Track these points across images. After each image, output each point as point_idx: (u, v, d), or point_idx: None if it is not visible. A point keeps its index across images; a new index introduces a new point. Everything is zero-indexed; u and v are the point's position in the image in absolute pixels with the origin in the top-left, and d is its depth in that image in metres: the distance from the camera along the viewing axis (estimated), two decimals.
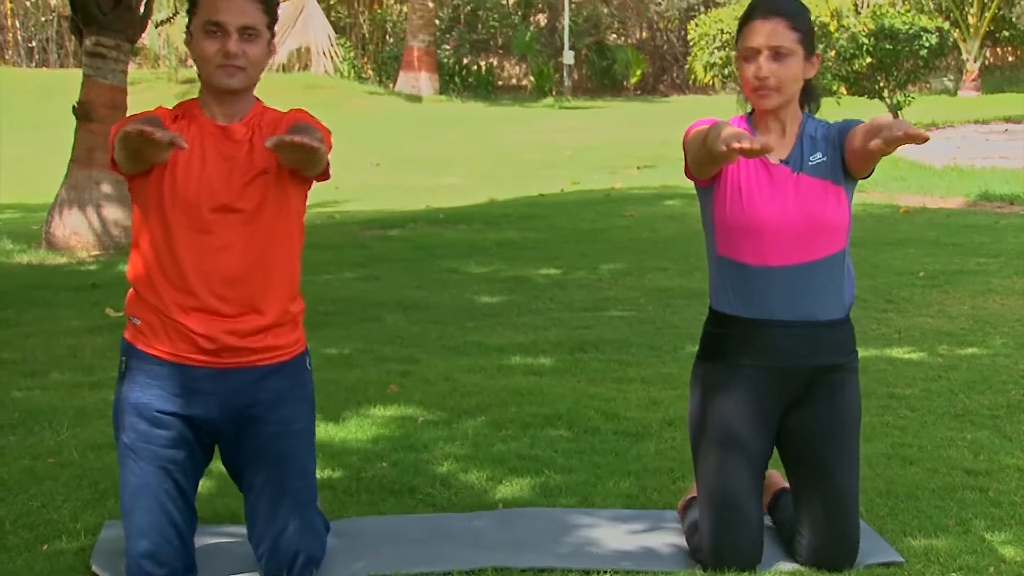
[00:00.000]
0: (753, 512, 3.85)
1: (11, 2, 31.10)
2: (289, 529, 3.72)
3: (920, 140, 3.40)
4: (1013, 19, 27.77)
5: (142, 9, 10.09)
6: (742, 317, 3.83)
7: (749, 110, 3.98)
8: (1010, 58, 31.16)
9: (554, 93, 32.00)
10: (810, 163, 3.83)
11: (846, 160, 3.84)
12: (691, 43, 21.56)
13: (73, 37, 10.22)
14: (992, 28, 26.31)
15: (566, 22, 32.48)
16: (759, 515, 3.88)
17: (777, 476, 4.22)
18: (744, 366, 3.84)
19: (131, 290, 3.77)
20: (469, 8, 33.40)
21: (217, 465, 3.94)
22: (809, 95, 3.97)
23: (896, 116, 20.13)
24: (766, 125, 3.89)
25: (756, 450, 3.87)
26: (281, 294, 3.76)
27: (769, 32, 3.79)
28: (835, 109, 18.63)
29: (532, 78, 33.36)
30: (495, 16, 33.64)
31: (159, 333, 3.69)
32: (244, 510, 3.82)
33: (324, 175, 3.80)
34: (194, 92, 3.79)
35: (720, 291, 3.92)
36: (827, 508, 3.85)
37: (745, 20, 3.86)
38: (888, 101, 20.23)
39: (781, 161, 3.83)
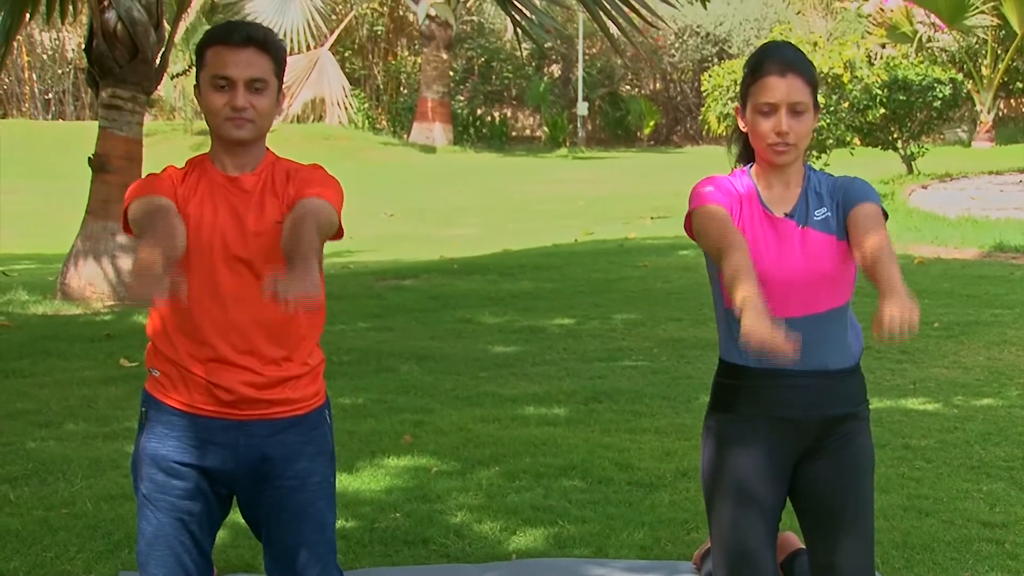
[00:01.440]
0: (767, 562, 3.84)
1: (28, 55, 31.31)
2: None
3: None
4: None
5: (158, 62, 10.16)
6: (751, 368, 3.82)
7: (736, 158, 3.98)
8: None
9: (568, 144, 32.08)
10: (815, 218, 3.81)
11: (847, 224, 3.84)
12: (704, 94, 21.60)
13: (90, 89, 10.27)
14: (1006, 79, 26.35)
15: (580, 73, 32.61)
16: (773, 566, 3.87)
17: (793, 537, 4.21)
18: (755, 417, 3.83)
19: (150, 343, 3.79)
20: (483, 59, 33.55)
21: (232, 516, 3.95)
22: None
23: (910, 167, 20.21)
24: (767, 180, 3.87)
25: (769, 501, 3.86)
26: (298, 344, 3.76)
27: (788, 89, 3.76)
28: (848, 160, 18.70)
29: (546, 129, 33.46)
30: (509, 67, 33.78)
31: (176, 384, 3.70)
32: (263, 563, 3.82)
33: (338, 235, 3.81)
34: (209, 144, 3.82)
35: (729, 343, 3.91)
36: (842, 558, 3.84)
37: (759, 74, 3.82)
38: (902, 152, 20.28)
39: (786, 215, 3.82)
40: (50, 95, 32.10)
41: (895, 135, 19.98)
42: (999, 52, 25.21)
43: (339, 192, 3.77)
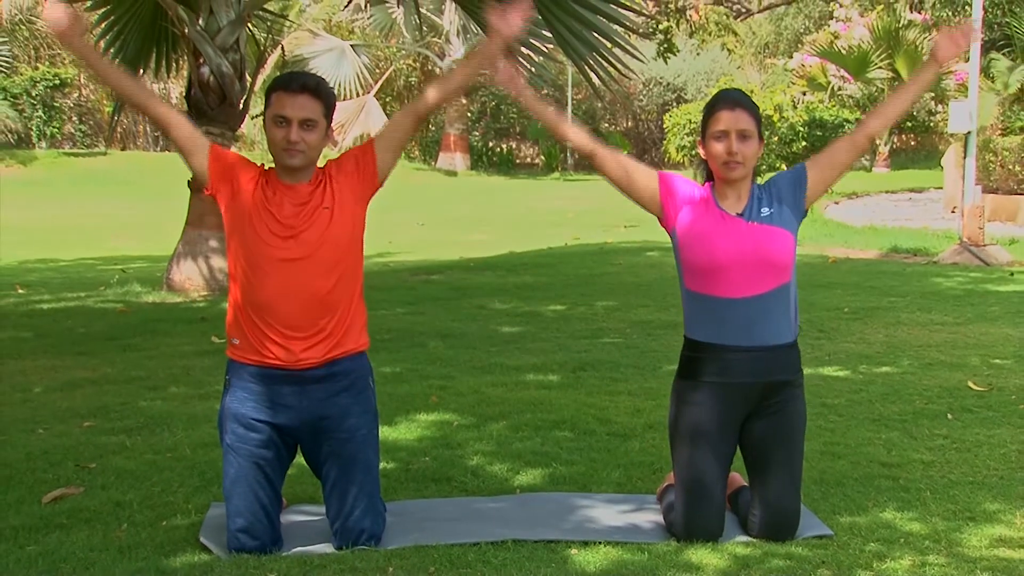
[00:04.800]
0: (717, 497, 3.83)
1: None
2: (355, 513, 3.72)
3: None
4: (914, 113, 27.80)
5: (241, 106, 10.14)
6: (711, 343, 3.81)
7: (702, 181, 3.98)
8: (913, 143, 31.20)
9: (560, 169, 32.05)
10: (762, 214, 3.81)
11: (809, 194, 3.84)
12: (666, 130, 21.60)
13: None
14: (899, 120, 26.33)
15: (568, 114, 32.56)
16: (723, 501, 3.86)
17: (738, 477, 4.19)
18: (712, 383, 3.82)
19: (230, 316, 3.79)
20: (494, 103, 33.45)
21: (297, 459, 3.94)
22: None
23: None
24: (723, 192, 3.88)
25: (721, 449, 3.85)
26: (345, 312, 3.77)
27: (735, 119, 3.78)
28: None
29: (543, 157, 33.40)
30: (514, 109, 33.69)
31: (252, 348, 3.71)
32: (323, 496, 3.83)
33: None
34: None
35: (692, 322, 3.90)
36: (776, 494, 3.83)
37: (714, 109, 3.84)
38: None
39: (737, 214, 3.82)
40: (159, 132, 32.07)
41: None
42: None
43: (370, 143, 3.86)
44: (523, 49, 9.07)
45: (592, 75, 8.57)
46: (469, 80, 4.08)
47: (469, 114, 31.77)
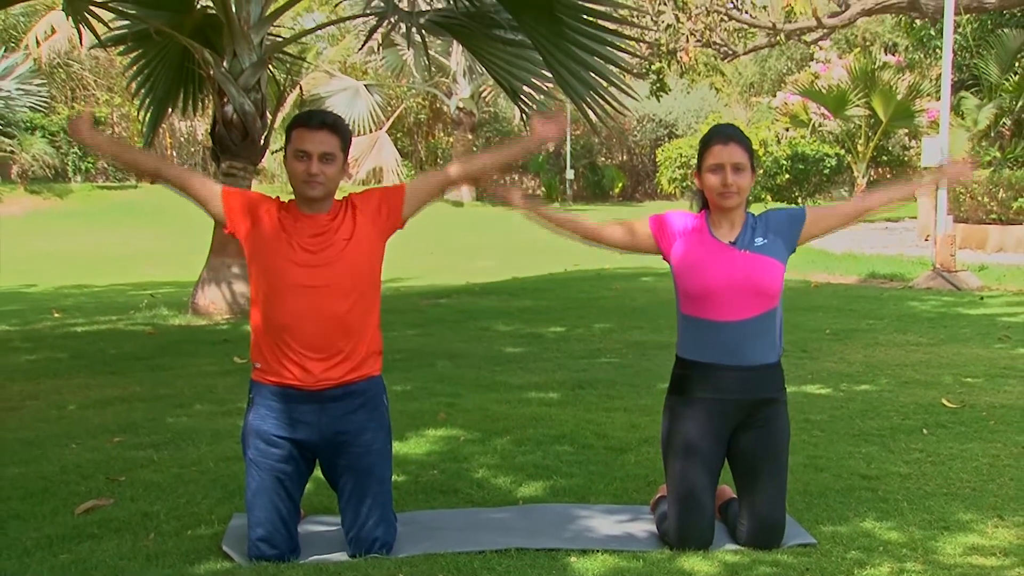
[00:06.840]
0: (708, 508, 3.81)
1: (170, 138, 31.38)
2: (369, 523, 3.71)
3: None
4: (890, 148, 27.82)
5: (262, 142, 10.17)
6: (700, 362, 3.80)
7: (697, 210, 3.97)
8: (888, 176, 31.22)
9: (559, 200, 32.08)
10: (755, 244, 3.81)
11: (802, 235, 3.87)
12: (659, 163, 21.63)
13: (213, 162, 10.25)
14: (875, 154, 26.31)
15: (568, 148, 32.63)
16: (712, 511, 3.85)
17: (727, 489, 4.17)
18: (702, 399, 3.81)
19: (253, 342, 3.79)
20: (498, 139, 33.53)
21: (315, 474, 3.92)
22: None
23: None
24: (717, 221, 3.88)
25: (711, 462, 3.83)
26: (362, 335, 3.75)
27: (730, 152, 3.78)
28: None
29: (543, 189, 33.47)
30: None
31: (273, 370, 3.70)
32: (338, 507, 3.81)
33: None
34: None
35: (684, 342, 3.89)
36: (762, 504, 3.81)
37: (709, 143, 3.84)
38: (801, 206, 20.35)
39: (731, 243, 3.82)
40: (185, 167, 32.16)
41: (796, 194, 20.05)
42: (870, 134, 25.21)
43: (403, 186, 3.91)
44: (525, 88, 9.10)
45: (590, 112, 8.59)
46: (490, 168, 4.11)
47: (474, 149, 31.84)
